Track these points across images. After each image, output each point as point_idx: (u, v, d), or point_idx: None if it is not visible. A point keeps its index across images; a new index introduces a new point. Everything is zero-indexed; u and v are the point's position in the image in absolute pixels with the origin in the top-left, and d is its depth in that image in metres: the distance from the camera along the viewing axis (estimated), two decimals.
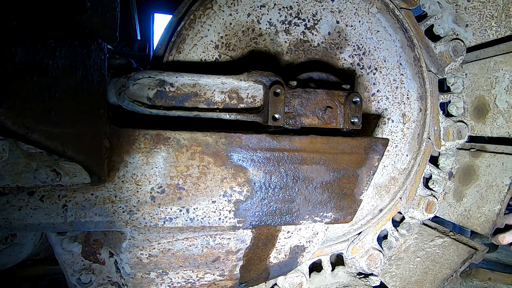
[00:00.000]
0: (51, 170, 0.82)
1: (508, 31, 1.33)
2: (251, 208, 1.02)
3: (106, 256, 1.02)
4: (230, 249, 1.07)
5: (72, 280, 1.00)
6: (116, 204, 0.92)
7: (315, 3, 1.30)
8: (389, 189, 1.50)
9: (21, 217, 0.86)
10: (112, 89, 0.96)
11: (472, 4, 1.37)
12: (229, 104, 1.04)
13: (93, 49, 0.72)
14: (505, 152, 1.45)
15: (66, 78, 0.62)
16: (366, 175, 1.10)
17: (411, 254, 1.56)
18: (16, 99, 0.48)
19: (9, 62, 0.46)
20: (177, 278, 1.06)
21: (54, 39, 0.57)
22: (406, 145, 1.48)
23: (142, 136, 0.91)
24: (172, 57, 1.20)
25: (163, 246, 1.01)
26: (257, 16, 1.24)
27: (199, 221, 0.99)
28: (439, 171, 1.59)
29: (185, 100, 1.01)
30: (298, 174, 1.04)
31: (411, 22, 1.40)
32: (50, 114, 0.57)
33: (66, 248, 0.99)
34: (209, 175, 0.98)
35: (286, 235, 1.13)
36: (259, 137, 0.99)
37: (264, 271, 1.16)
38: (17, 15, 0.47)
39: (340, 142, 1.05)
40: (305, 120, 1.05)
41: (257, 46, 1.26)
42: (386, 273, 1.55)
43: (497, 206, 1.45)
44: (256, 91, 1.06)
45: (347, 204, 1.11)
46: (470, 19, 1.39)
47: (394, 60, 1.41)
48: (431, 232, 1.59)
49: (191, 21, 1.19)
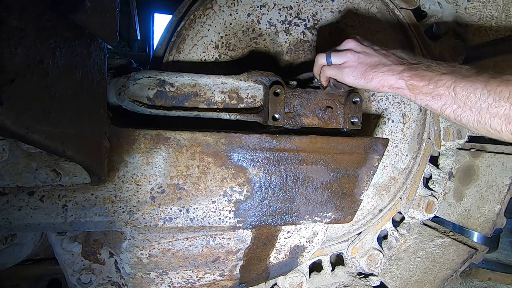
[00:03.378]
0: (51, 170, 0.82)
1: (508, 31, 1.33)
2: (251, 208, 1.02)
3: (106, 256, 1.02)
4: (230, 249, 1.07)
5: (72, 280, 1.00)
6: (116, 204, 0.92)
7: (315, 3, 1.30)
8: (389, 189, 1.50)
9: (21, 217, 0.86)
10: (112, 89, 0.96)
11: (472, 4, 1.37)
12: (229, 104, 1.04)
13: (93, 49, 0.72)
14: (505, 152, 1.45)
15: (66, 78, 0.62)
16: (366, 175, 1.11)
17: (411, 254, 1.56)
18: (16, 99, 0.48)
19: (9, 62, 0.46)
20: (177, 278, 1.06)
21: (54, 39, 0.57)
22: (406, 145, 1.48)
23: (142, 136, 0.91)
24: (172, 57, 1.20)
25: (163, 246, 1.01)
26: (257, 16, 1.24)
27: (199, 221, 0.99)
28: (439, 171, 1.59)
29: (185, 100, 1.01)
30: (298, 174, 1.04)
31: (411, 22, 1.40)
32: (50, 114, 0.57)
33: (66, 248, 0.99)
34: (209, 175, 0.98)
35: (286, 235, 1.13)
36: (259, 137, 0.99)
37: (264, 271, 1.16)
38: (17, 15, 0.47)
39: (340, 142, 1.05)
40: (305, 120, 1.05)
41: (257, 46, 1.26)
42: (386, 273, 1.55)
43: (497, 206, 1.45)
44: (256, 91, 1.06)
45: (347, 204, 1.11)
46: (470, 19, 1.39)
47: None
48: (431, 232, 1.59)
49: (191, 21, 1.19)
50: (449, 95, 0.77)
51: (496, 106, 0.70)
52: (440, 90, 0.78)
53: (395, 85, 0.85)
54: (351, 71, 0.92)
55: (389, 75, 0.86)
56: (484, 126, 0.74)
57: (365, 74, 0.90)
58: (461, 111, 0.76)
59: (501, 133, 0.71)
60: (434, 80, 0.79)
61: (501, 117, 0.69)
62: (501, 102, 0.69)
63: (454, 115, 0.78)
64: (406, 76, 0.83)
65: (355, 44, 0.94)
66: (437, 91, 0.79)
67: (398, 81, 0.85)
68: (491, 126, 0.72)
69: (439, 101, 0.79)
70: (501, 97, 0.69)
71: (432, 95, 0.80)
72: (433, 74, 0.80)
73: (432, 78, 0.79)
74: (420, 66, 0.84)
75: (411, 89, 0.83)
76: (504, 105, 0.69)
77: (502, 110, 0.69)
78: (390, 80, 0.86)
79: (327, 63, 0.97)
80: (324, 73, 0.98)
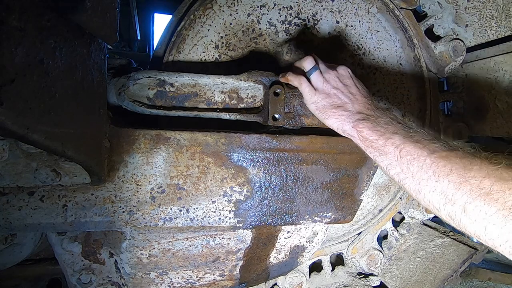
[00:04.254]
0: (51, 170, 0.82)
1: (508, 31, 1.33)
2: (251, 208, 1.02)
3: (106, 256, 1.02)
4: (230, 249, 1.07)
5: (72, 280, 1.00)
6: (116, 204, 0.92)
7: (315, 3, 1.30)
8: (389, 189, 1.50)
9: (21, 217, 0.86)
10: (112, 89, 0.96)
11: (472, 4, 1.37)
12: (229, 104, 1.04)
13: (93, 49, 0.72)
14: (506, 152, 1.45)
15: (66, 78, 0.62)
16: (366, 175, 1.11)
17: (411, 254, 1.56)
18: (16, 99, 0.48)
19: (9, 62, 0.46)
20: (177, 278, 1.06)
21: (54, 39, 0.57)
22: None
23: (142, 136, 0.91)
24: (172, 57, 1.20)
25: (163, 246, 1.01)
26: (257, 16, 1.24)
27: (199, 221, 0.99)
28: None
29: (185, 100, 1.01)
30: (298, 174, 1.04)
31: (411, 22, 1.40)
32: (50, 114, 0.57)
33: (66, 248, 0.99)
34: (209, 175, 0.98)
35: (286, 235, 1.13)
36: (259, 137, 0.99)
37: (264, 271, 1.16)
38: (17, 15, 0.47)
39: (340, 142, 1.05)
40: (305, 120, 1.05)
41: (257, 46, 1.26)
42: (386, 273, 1.55)
43: None
44: (256, 91, 1.06)
45: (347, 204, 1.11)
46: (470, 19, 1.39)
47: (394, 60, 1.41)
48: (431, 232, 1.59)
49: (191, 21, 1.19)
50: (394, 156, 0.73)
51: (436, 180, 0.63)
52: (388, 149, 0.75)
53: (348, 132, 0.87)
54: (317, 100, 0.93)
55: (345, 121, 0.87)
56: (424, 199, 0.67)
57: (325, 110, 0.92)
58: (404, 176, 0.71)
59: (439, 211, 0.64)
60: (385, 137, 0.76)
61: (439, 194, 0.63)
62: (440, 178, 0.62)
63: (398, 178, 0.74)
64: (359, 127, 0.83)
65: (343, 76, 0.94)
66: (384, 149, 0.75)
67: (352, 129, 0.85)
68: (430, 201, 0.66)
69: (385, 159, 0.76)
70: (441, 172, 0.62)
71: (380, 151, 0.77)
72: (386, 131, 0.77)
73: (383, 135, 0.77)
74: (380, 120, 0.82)
75: (362, 140, 0.83)
76: (443, 181, 0.62)
77: (440, 186, 0.62)
78: (344, 125, 0.87)
79: (307, 70, 0.97)
80: (295, 76, 0.98)
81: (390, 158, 0.74)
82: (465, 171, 0.59)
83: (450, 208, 0.61)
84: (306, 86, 0.96)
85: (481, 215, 0.55)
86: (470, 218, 0.57)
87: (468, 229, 0.59)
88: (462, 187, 0.59)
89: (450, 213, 0.61)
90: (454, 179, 0.60)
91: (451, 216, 0.61)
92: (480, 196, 0.56)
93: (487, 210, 0.54)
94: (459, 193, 0.59)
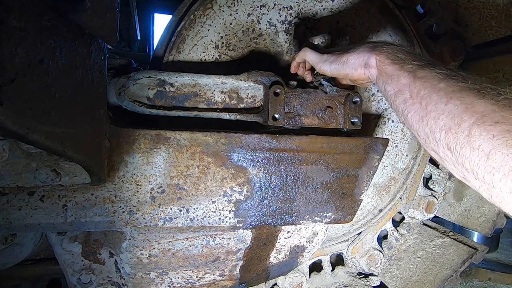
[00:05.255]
0: (51, 170, 0.82)
1: (508, 31, 1.33)
2: (251, 208, 1.02)
3: (106, 256, 1.02)
4: (230, 249, 1.07)
5: (72, 280, 1.00)
6: (116, 204, 0.92)
7: (315, 3, 1.30)
8: (389, 189, 1.50)
9: (21, 217, 0.86)
10: (112, 89, 0.96)
11: (472, 4, 1.37)
12: (229, 104, 1.04)
13: (93, 49, 0.72)
14: None
15: (66, 78, 0.62)
16: (366, 175, 1.10)
17: (411, 254, 1.56)
18: (16, 99, 0.48)
19: (9, 62, 0.46)
20: (177, 278, 1.06)
21: (54, 39, 0.57)
22: (406, 145, 1.48)
23: (142, 136, 0.91)
24: (172, 57, 1.20)
25: (163, 246, 1.01)
26: (257, 16, 1.24)
27: (199, 221, 0.99)
28: (439, 171, 1.59)
29: (185, 100, 1.01)
30: (298, 174, 1.04)
31: (411, 22, 1.40)
32: (50, 114, 0.57)
33: (66, 248, 0.99)
34: (209, 175, 0.98)
35: (286, 235, 1.13)
36: (259, 137, 0.99)
37: (264, 271, 1.16)
38: (17, 15, 0.47)
39: (340, 142, 1.05)
40: (305, 120, 1.05)
41: (257, 46, 1.26)
42: (386, 273, 1.55)
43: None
44: (256, 91, 1.06)
45: (347, 204, 1.11)
46: (470, 19, 1.39)
47: None
48: (431, 232, 1.59)
49: (191, 21, 1.19)
50: (408, 79, 0.70)
51: (446, 102, 0.60)
52: (402, 73, 0.72)
53: (371, 63, 0.82)
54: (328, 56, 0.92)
55: (365, 55, 0.84)
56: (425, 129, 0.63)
57: (341, 56, 0.89)
58: (411, 102, 0.68)
59: (438, 143, 0.61)
60: (401, 61, 0.74)
61: (445, 117, 0.59)
62: (451, 99, 0.59)
63: (403, 107, 0.70)
64: (377, 52, 0.80)
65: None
66: (398, 73, 0.73)
67: (371, 58, 0.82)
68: (432, 129, 0.62)
69: (396, 84, 0.73)
70: (453, 94, 0.60)
71: (392, 77, 0.74)
72: (403, 56, 0.76)
73: (400, 59, 0.75)
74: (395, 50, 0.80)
75: (378, 66, 0.80)
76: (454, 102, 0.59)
77: (448, 108, 0.59)
78: (364, 56, 0.84)
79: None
80: (298, 53, 1.02)
81: (402, 82, 0.71)
82: (479, 94, 0.56)
83: (453, 135, 0.57)
84: (311, 51, 0.97)
85: (488, 137, 0.51)
86: (473, 145, 0.54)
87: (468, 160, 0.55)
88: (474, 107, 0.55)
89: (451, 143, 0.58)
90: (465, 101, 0.57)
91: (451, 148, 0.58)
92: (492, 119, 0.52)
93: (496, 133, 0.51)
94: (469, 114, 0.56)
